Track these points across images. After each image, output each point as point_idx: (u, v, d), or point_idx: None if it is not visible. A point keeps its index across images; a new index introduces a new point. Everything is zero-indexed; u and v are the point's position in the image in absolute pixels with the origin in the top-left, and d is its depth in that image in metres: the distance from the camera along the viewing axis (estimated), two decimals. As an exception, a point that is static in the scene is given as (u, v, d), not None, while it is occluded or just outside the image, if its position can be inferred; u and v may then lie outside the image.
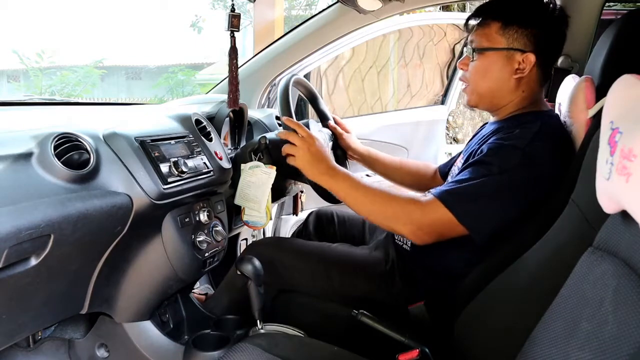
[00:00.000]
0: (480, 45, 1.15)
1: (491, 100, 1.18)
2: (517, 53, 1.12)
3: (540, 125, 1.06)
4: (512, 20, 1.12)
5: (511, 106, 1.17)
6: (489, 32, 1.14)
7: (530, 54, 1.11)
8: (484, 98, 1.19)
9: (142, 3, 13.18)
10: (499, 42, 1.13)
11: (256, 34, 3.09)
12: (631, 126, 0.56)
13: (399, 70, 5.52)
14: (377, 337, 0.97)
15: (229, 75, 1.24)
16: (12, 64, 7.81)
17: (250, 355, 0.89)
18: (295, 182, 1.56)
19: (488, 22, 1.15)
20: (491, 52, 1.14)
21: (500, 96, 1.17)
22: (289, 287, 1.27)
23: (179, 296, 1.32)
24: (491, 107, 1.21)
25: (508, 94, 1.16)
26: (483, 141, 1.14)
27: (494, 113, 1.23)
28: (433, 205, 1.05)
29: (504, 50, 1.13)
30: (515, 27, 1.12)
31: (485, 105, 1.21)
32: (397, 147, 2.33)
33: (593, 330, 0.59)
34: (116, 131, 1.00)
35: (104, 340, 1.19)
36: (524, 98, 1.16)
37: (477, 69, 1.16)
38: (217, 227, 1.22)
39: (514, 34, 1.12)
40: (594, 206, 0.65)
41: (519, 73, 1.13)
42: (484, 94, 1.18)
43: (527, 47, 1.12)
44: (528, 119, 1.11)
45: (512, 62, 1.13)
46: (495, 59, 1.14)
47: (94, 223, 0.86)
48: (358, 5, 1.40)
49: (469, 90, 1.20)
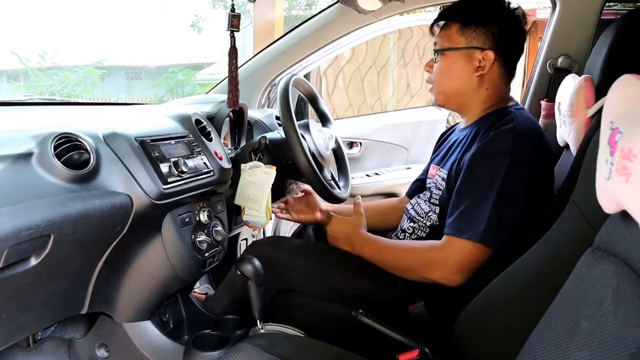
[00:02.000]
0: (442, 46, 1.20)
1: (457, 99, 1.22)
2: (477, 51, 1.16)
3: (514, 124, 1.09)
4: (470, 20, 1.17)
5: (478, 105, 1.21)
6: (450, 33, 1.19)
7: (489, 51, 1.16)
8: (450, 97, 1.23)
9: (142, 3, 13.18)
10: (458, 41, 1.18)
11: (256, 34, 3.09)
12: (631, 126, 0.56)
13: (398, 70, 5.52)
14: (377, 337, 0.97)
15: (229, 75, 1.24)
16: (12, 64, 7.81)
17: (250, 355, 0.89)
18: (295, 182, 1.56)
19: (449, 24, 1.20)
20: (452, 52, 1.18)
21: (464, 95, 1.21)
22: (289, 287, 1.27)
23: (179, 296, 1.32)
24: (458, 106, 1.25)
25: (472, 91, 1.20)
26: (462, 150, 1.17)
27: (463, 114, 1.26)
28: (451, 243, 1.07)
29: (463, 50, 1.17)
30: (473, 27, 1.16)
31: (452, 104, 1.25)
32: (397, 147, 2.34)
33: (593, 330, 0.58)
34: (116, 131, 1.00)
35: (104, 340, 1.19)
36: (488, 95, 1.20)
37: (440, 69, 1.21)
38: (217, 227, 1.22)
39: (472, 33, 1.16)
40: (594, 206, 0.65)
41: (480, 70, 1.17)
42: (449, 93, 1.22)
43: (485, 44, 1.16)
44: (499, 118, 1.14)
45: (472, 60, 1.17)
46: (456, 58, 1.18)
47: (94, 223, 0.86)
48: (358, 5, 1.40)
49: (435, 91, 1.25)
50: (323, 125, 1.53)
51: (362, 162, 2.28)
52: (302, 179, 1.37)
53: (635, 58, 1.15)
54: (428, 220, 1.23)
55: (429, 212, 1.24)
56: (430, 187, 1.28)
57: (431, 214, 1.23)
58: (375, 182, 2.12)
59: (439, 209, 1.21)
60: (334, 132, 1.53)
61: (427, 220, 1.23)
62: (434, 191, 1.24)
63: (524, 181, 1.05)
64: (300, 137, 1.23)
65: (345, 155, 1.58)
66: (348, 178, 1.55)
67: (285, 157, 1.31)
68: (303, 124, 1.37)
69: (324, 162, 1.38)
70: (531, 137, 1.09)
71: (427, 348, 0.90)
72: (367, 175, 2.19)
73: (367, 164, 2.28)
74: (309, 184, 1.26)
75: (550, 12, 1.65)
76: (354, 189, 1.97)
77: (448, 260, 1.07)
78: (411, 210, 1.31)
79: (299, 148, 1.21)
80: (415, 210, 1.29)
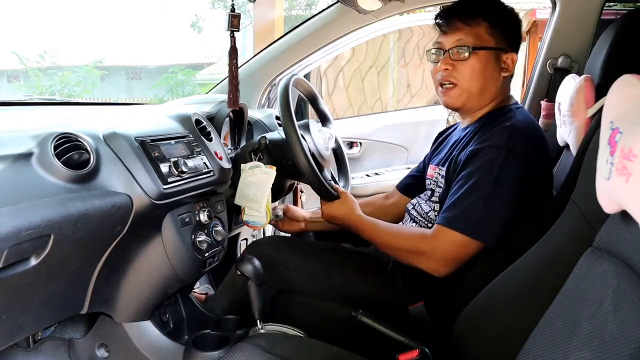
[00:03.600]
0: (473, 44, 1.13)
1: (480, 100, 1.18)
2: (503, 52, 1.15)
3: (513, 121, 1.09)
4: (497, 20, 1.15)
5: (485, 105, 1.19)
6: (479, 32, 1.14)
7: (514, 53, 1.16)
8: (474, 98, 1.17)
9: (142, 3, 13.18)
10: (489, 41, 1.15)
11: (256, 34, 3.09)
12: (631, 126, 0.56)
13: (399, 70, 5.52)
14: (377, 337, 0.97)
15: (229, 75, 1.24)
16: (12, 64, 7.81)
17: (250, 355, 0.89)
18: (295, 182, 1.56)
19: (478, 21, 1.14)
20: (484, 51, 1.14)
21: (489, 95, 1.18)
22: (289, 287, 1.27)
23: (179, 296, 1.32)
24: (475, 107, 1.20)
25: (495, 92, 1.18)
26: (461, 148, 1.16)
27: (468, 114, 1.23)
28: (440, 234, 1.07)
29: (493, 50, 1.15)
30: (500, 28, 1.15)
31: (471, 105, 1.19)
32: (397, 147, 2.34)
33: (593, 330, 0.58)
34: (116, 131, 1.00)
35: (104, 340, 1.19)
36: (496, 95, 1.19)
37: (472, 68, 1.14)
38: (217, 227, 1.22)
39: (499, 34, 1.15)
40: (594, 206, 0.65)
41: (505, 72, 1.16)
42: (475, 94, 1.17)
43: (509, 46, 1.16)
44: (499, 116, 1.14)
45: (499, 61, 1.16)
46: (488, 57, 1.15)
47: (94, 223, 0.86)
48: (358, 5, 1.40)
49: (457, 91, 1.17)
50: (323, 125, 1.53)
51: (362, 162, 2.28)
52: (302, 179, 1.37)
53: (635, 58, 1.15)
54: (429, 221, 1.23)
55: (429, 211, 1.24)
56: (430, 186, 1.27)
57: (431, 213, 1.23)
58: (375, 182, 2.12)
59: (439, 206, 1.20)
60: (333, 132, 1.53)
61: (427, 220, 1.23)
62: (434, 189, 1.24)
63: (519, 177, 1.04)
64: (300, 137, 1.23)
65: (345, 155, 1.58)
66: (348, 178, 1.55)
67: (286, 157, 1.31)
68: (303, 124, 1.37)
69: (324, 162, 1.38)
70: (528, 135, 1.09)
71: (427, 348, 0.90)
72: (367, 175, 2.19)
73: (367, 164, 2.28)
74: (309, 184, 1.26)
75: (550, 12, 1.65)
76: (354, 189, 1.97)
77: (436, 252, 1.07)
78: (412, 210, 1.31)
79: (299, 148, 1.21)
80: (416, 210, 1.29)
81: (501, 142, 1.05)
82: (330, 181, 1.37)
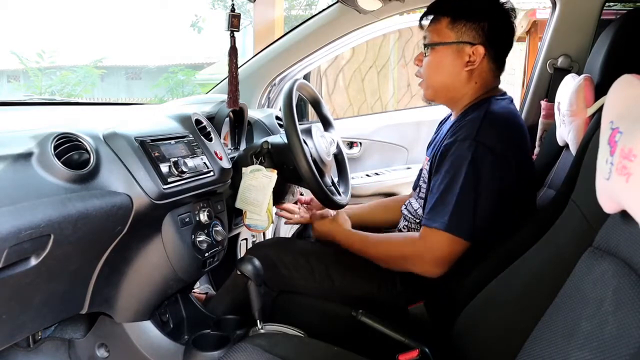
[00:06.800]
0: (432, 41, 1.18)
1: (446, 93, 1.21)
2: (467, 46, 1.15)
3: (484, 112, 1.10)
4: (460, 14, 1.16)
5: (466, 98, 1.20)
6: (440, 28, 1.18)
7: (479, 46, 1.15)
8: (439, 92, 1.22)
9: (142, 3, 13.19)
10: (448, 36, 1.17)
11: (256, 34, 3.09)
12: (631, 126, 0.56)
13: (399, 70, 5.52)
14: (377, 337, 0.97)
15: (229, 75, 1.24)
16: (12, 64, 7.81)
17: (250, 355, 0.89)
18: (296, 186, 1.55)
19: (438, 18, 1.18)
20: (442, 47, 1.17)
21: (454, 89, 1.20)
22: (289, 288, 1.27)
23: (179, 296, 1.32)
24: (447, 100, 1.23)
25: (461, 86, 1.19)
26: (443, 141, 1.17)
27: (452, 107, 1.26)
28: (426, 235, 1.09)
29: (453, 44, 1.16)
30: (464, 21, 1.15)
31: (441, 99, 1.24)
32: (397, 147, 2.34)
33: (593, 330, 0.59)
34: (116, 131, 1.00)
35: (104, 340, 1.19)
36: (477, 89, 1.19)
37: (430, 64, 1.19)
38: (217, 227, 1.22)
39: (462, 28, 1.15)
40: (594, 206, 0.65)
41: (469, 65, 1.16)
42: (438, 88, 1.21)
43: (475, 39, 1.15)
44: (475, 109, 1.14)
45: (462, 55, 1.16)
46: (446, 53, 1.17)
47: (94, 223, 0.86)
48: (358, 5, 1.40)
49: (424, 85, 1.23)
50: (325, 129, 1.52)
51: (362, 162, 2.28)
52: (302, 184, 1.36)
53: (635, 58, 1.15)
54: (417, 217, 1.23)
55: (417, 209, 1.24)
56: (419, 182, 1.29)
57: (420, 210, 1.23)
58: (375, 182, 2.12)
59: (425, 202, 1.21)
60: (335, 136, 1.52)
61: (416, 217, 1.24)
62: (422, 185, 1.25)
63: (489, 168, 1.05)
64: (302, 142, 1.23)
65: (346, 160, 1.58)
66: (348, 184, 1.54)
67: (287, 162, 1.30)
68: (306, 128, 1.37)
69: (325, 168, 1.38)
70: (499, 124, 1.09)
71: (427, 348, 0.90)
72: (367, 175, 2.19)
73: (367, 164, 2.28)
74: (310, 189, 1.26)
75: (550, 12, 1.66)
76: (354, 189, 1.97)
77: (425, 254, 1.08)
78: (404, 209, 1.31)
79: (301, 155, 1.22)
80: (407, 209, 1.30)
81: (470, 135, 1.06)
82: (331, 187, 1.37)
